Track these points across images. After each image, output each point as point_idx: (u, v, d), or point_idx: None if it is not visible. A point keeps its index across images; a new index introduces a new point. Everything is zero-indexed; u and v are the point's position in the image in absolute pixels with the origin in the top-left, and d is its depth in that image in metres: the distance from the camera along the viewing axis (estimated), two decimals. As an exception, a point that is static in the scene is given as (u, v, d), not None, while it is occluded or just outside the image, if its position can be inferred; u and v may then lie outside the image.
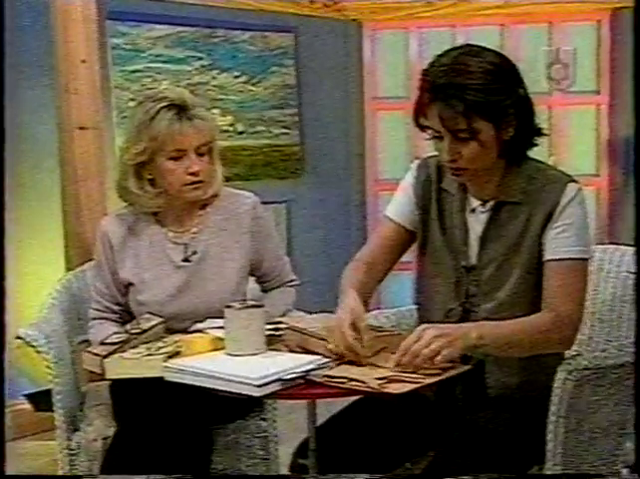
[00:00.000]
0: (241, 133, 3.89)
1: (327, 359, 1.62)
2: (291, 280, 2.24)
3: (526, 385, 1.76)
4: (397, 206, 1.88)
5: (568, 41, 4.15)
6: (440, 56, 1.70)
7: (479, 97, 1.62)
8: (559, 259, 1.70)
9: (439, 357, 1.57)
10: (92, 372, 1.86)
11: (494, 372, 1.75)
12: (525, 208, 1.73)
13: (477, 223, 1.78)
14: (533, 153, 1.81)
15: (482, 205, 1.77)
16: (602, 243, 2.34)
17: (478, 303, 1.77)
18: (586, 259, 1.73)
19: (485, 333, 1.64)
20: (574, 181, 1.75)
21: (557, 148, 4.09)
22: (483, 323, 1.69)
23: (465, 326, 1.67)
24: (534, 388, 1.76)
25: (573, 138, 4.14)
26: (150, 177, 2.09)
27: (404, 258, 1.93)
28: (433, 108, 1.65)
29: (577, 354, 1.73)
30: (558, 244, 1.71)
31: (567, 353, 1.80)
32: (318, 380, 1.57)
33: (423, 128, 1.71)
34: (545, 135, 1.78)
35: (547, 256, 1.72)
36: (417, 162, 1.90)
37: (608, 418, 1.76)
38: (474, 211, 1.79)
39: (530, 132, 1.75)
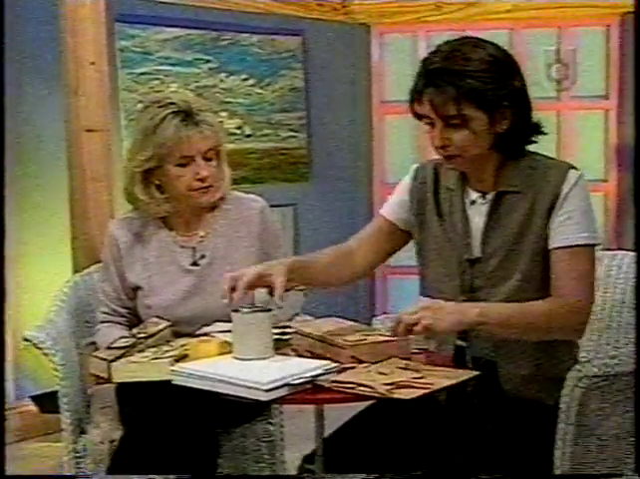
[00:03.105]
0: (249, 136, 3.89)
1: (335, 364, 1.62)
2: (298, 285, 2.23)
3: (539, 378, 1.75)
4: (391, 205, 1.92)
5: (577, 45, 4.14)
6: (440, 45, 1.74)
7: (470, 83, 1.65)
8: (566, 247, 1.70)
9: (418, 326, 1.59)
10: (98, 376, 1.86)
11: (506, 366, 1.74)
12: (527, 197, 1.73)
13: (477, 215, 1.79)
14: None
15: (482, 197, 1.78)
16: (610, 249, 2.33)
17: (484, 297, 1.76)
18: (593, 245, 1.72)
19: (488, 312, 1.64)
20: (574, 167, 1.75)
21: (565, 152, 4.07)
22: (489, 304, 1.71)
23: (466, 305, 1.69)
24: (547, 383, 1.75)
25: (581, 142, 4.13)
26: (157, 183, 2.09)
27: (409, 263, 1.92)
28: (425, 93, 1.68)
29: (586, 361, 1.72)
30: (564, 232, 1.71)
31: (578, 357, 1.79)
32: (326, 385, 1.56)
33: (419, 117, 1.73)
34: (544, 133, 1.79)
35: (554, 244, 1.72)
36: (415, 166, 1.93)
37: (617, 425, 1.75)
38: (473, 203, 1.80)
39: (527, 127, 1.75)
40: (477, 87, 1.65)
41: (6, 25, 3.06)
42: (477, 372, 1.63)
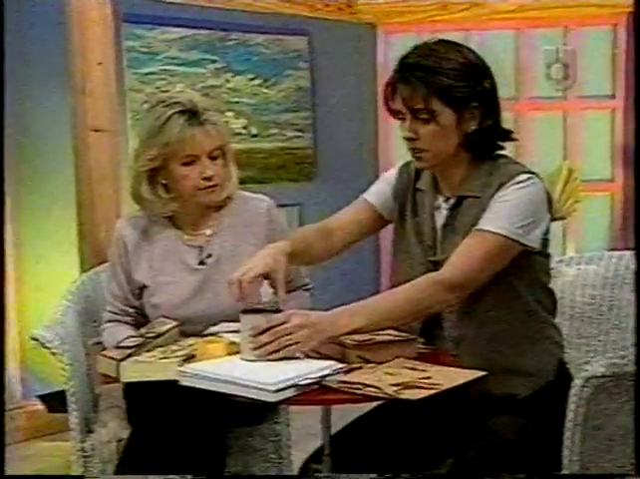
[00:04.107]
0: (255, 136, 3.89)
1: (343, 365, 1.62)
2: (305, 284, 2.23)
3: (506, 373, 1.74)
4: (375, 191, 1.95)
5: (583, 45, 4.14)
6: (417, 45, 1.78)
7: (439, 79, 1.69)
8: (475, 229, 1.71)
9: (295, 346, 1.60)
10: (106, 376, 1.86)
11: (468, 361, 1.72)
12: (480, 200, 1.75)
13: (440, 218, 1.82)
14: (550, 157, 1.81)
15: (446, 201, 1.81)
16: (617, 249, 2.33)
17: None
18: (502, 236, 1.69)
19: (356, 317, 1.64)
20: (530, 172, 1.75)
21: (572, 152, 4.07)
22: (355, 306, 1.69)
23: (332, 315, 1.66)
24: (519, 378, 1.76)
25: (588, 142, 4.12)
26: (163, 182, 2.09)
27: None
28: (398, 88, 1.73)
29: (594, 361, 1.72)
30: (483, 217, 1.71)
31: (583, 359, 1.79)
32: (333, 386, 1.56)
33: (393, 113, 1.77)
34: (514, 140, 1.81)
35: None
36: (400, 163, 1.96)
37: (625, 425, 1.75)
38: (438, 207, 1.82)
39: (494, 129, 1.77)
40: (445, 83, 1.70)
41: (13, 26, 3.08)
42: (484, 372, 1.63)
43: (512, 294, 1.76)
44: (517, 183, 1.71)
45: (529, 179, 1.73)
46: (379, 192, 1.94)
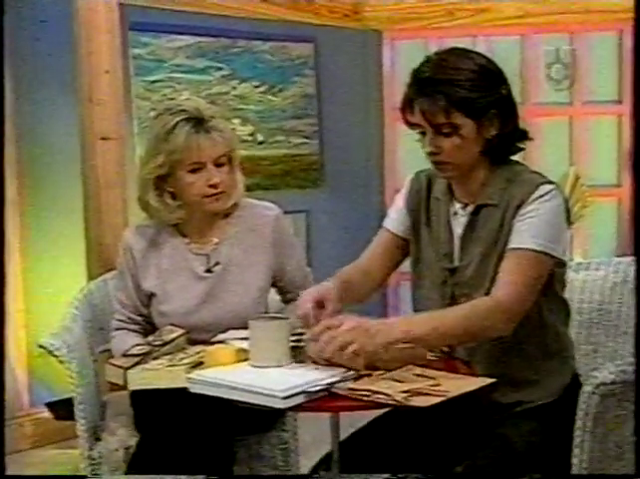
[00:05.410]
0: (261, 143, 3.90)
1: (351, 372, 1.62)
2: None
3: (509, 376, 1.74)
4: (392, 217, 1.95)
5: (589, 50, 4.14)
6: (429, 56, 1.78)
7: (460, 92, 1.69)
8: (512, 249, 1.71)
9: (348, 349, 1.60)
10: (113, 383, 1.86)
11: (480, 371, 1.73)
12: (500, 209, 1.75)
13: (458, 226, 1.81)
14: (557, 163, 1.82)
15: (463, 208, 1.81)
16: (625, 255, 2.33)
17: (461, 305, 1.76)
18: (541, 253, 1.70)
19: (411, 325, 1.65)
20: (551, 182, 1.76)
21: (578, 158, 4.06)
22: (413, 315, 1.71)
23: (389, 322, 1.68)
24: (518, 381, 1.76)
25: (595, 148, 4.11)
26: (170, 189, 2.10)
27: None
28: (416, 102, 1.72)
29: (603, 368, 1.71)
30: (515, 235, 1.71)
31: (592, 366, 1.78)
32: (342, 393, 1.56)
33: (411, 125, 1.77)
34: (531, 139, 1.82)
35: (507, 247, 1.73)
36: (410, 177, 1.96)
37: (634, 430, 1.74)
38: (455, 214, 1.82)
39: (514, 133, 1.78)
40: (465, 96, 1.69)
41: (21, 35, 3.10)
42: (492, 380, 1.62)
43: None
44: (542, 196, 1.72)
45: (552, 189, 1.73)
46: (395, 215, 1.94)
